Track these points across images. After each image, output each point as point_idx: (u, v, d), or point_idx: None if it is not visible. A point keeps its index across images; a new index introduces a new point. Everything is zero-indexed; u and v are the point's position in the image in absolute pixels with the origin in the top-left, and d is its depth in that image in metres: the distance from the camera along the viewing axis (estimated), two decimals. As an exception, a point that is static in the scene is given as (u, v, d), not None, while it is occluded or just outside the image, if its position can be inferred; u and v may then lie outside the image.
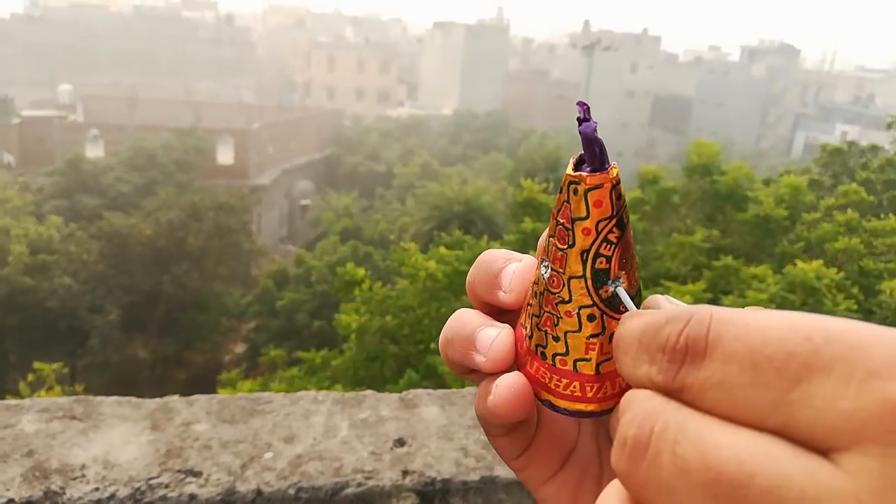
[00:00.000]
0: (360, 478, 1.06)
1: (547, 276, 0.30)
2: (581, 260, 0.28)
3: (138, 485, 1.07)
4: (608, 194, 0.28)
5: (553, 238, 0.29)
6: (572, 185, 0.28)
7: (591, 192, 0.28)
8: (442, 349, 0.34)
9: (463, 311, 0.35)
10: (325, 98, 40.13)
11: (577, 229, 0.28)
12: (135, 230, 12.98)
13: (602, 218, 0.28)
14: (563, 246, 0.29)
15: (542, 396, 0.31)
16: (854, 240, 6.64)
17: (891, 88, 47.52)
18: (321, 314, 10.80)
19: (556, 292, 0.29)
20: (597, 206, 0.28)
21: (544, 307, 0.30)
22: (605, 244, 0.28)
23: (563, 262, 0.29)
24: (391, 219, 16.16)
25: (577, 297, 0.29)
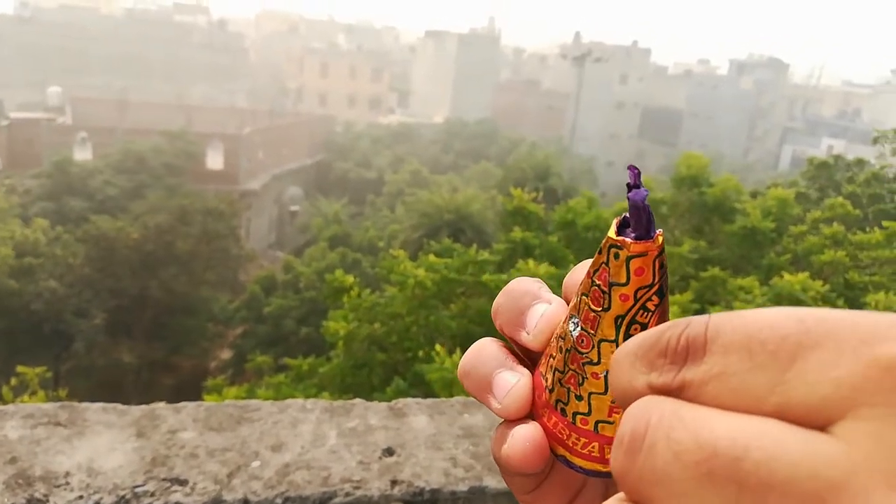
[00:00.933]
0: (349, 487, 1.06)
1: (576, 335, 0.29)
2: (615, 325, 0.27)
3: (123, 493, 1.05)
4: (651, 263, 0.27)
5: (586, 297, 0.28)
6: (613, 250, 0.27)
7: (633, 259, 0.27)
8: (460, 377, 0.34)
9: (484, 343, 0.34)
10: (317, 104, 40.13)
11: (614, 294, 0.27)
12: (122, 234, 12.89)
13: (642, 286, 0.27)
14: (598, 308, 0.28)
15: (557, 452, 0.30)
16: (840, 252, 6.72)
17: (877, 103, 48.13)
18: (309, 321, 10.75)
19: (584, 352, 0.28)
20: (638, 273, 0.27)
21: (570, 364, 0.29)
22: (643, 311, 0.27)
23: (596, 324, 0.28)
24: (380, 226, 16.15)
25: (606, 361, 0.28)
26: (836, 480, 0.17)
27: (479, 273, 6.28)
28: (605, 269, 0.27)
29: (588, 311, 0.28)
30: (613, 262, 0.27)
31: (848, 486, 0.17)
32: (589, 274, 0.28)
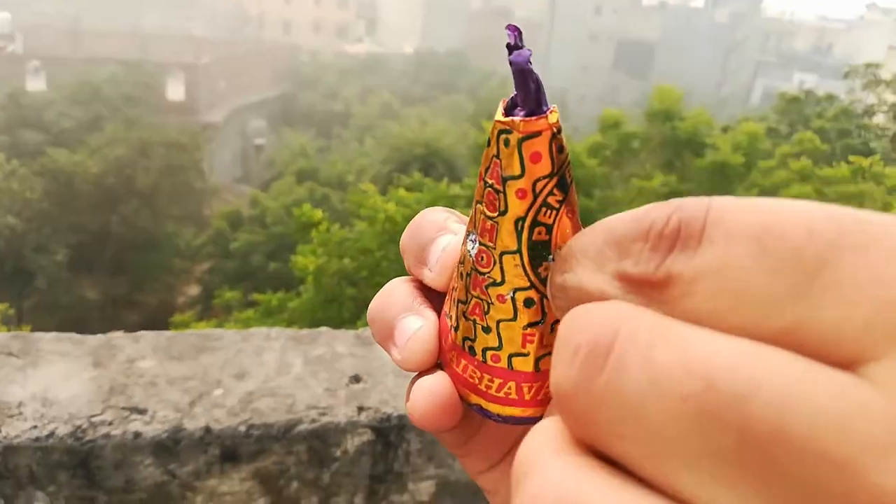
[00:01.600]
0: (314, 414, 1.04)
1: (474, 253, 0.24)
2: (515, 231, 0.23)
3: (79, 422, 1.02)
4: (548, 145, 0.22)
5: (481, 204, 0.23)
6: (503, 136, 0.22)
7: (525, 142, 0.22)
8: (368, 323, 0.29)
9: (394, 284, 0.29)
10: (280, 32, 38.65)
11: (510, 192, 0.22)
12: (80, 168, 12.48)
13: (540, 176, 0.22)
14: (493, 213, 0.23)
15: (470, 400, 0.26)
16: (807, 188, 6.84)
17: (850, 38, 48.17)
18: (277, 256, 10.66)
19: (485, 272, 0.24)
20: (534, 160, 0.22)
21: (472, 291, 0.24)
22: (545, 209, 0.22)
23: (494, 233, 0.23)
24: (349, 160, 15.88)
25: (510, 278, 0.23)
26: (872, 441, 0.12)
27: (450, 207, 6.25)
28: (496, 162, 0.23)
29: (484, 219, 0.23)
30: (504, 150, 0.22)
31: (889, 451, 0.12)
32: (480, 175, 0.24)
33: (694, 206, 0.15)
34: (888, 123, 12.13)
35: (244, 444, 1.02)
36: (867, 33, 46.03)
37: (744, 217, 0.15)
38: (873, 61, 14.19)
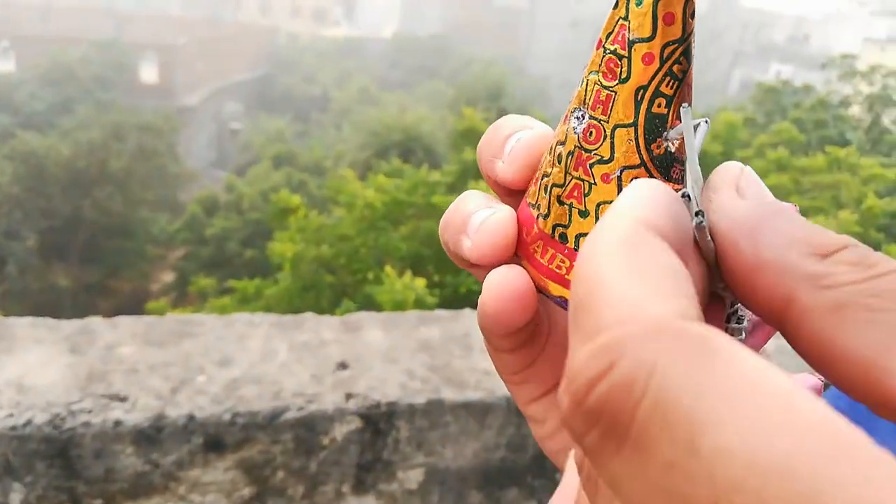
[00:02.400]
0: (301, 401, 1.01)
1: (582, 129, 0.22)
2: (635, 101, 0.21)
3: (57, 410, 0.99)
4: (682, 6, 0.21)
5: (596, 74, 0.22)
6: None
7: (662, 1, 0.21)
8: (440, 233, 0.28)
9: (470, 192, 0.28)
10: (257, 14, 38.05)
11: (635, 56, 0.21)
12: (52, 151, 12.20)
13: (671, 40, 0.21)
14: (612, 82, 0.21)
15: (553, 293, 0.24)
16: (783, 177, 6.93)
17: (826, 29, 48.81)
18: (253, 243, 10.54)
19: (592, 149, 0.22)
20: (667, 21, 0.21)
21: (572, 172, 0.23)
22: (668, 79, 0.21)
23: (609, 104, 0.22)
24: (327, 145, 15.74)
25: (620, 155, 0.22)
26: None
27: (430, 194, 6.22)
28: (622, 25, 0.21)
29: (599, 90, 0.22)
30: (635, 10, 0.21)
31: None
32: (599, 43, 0.22)
33: (626, 379, 0.14)
34: (864, 114, 12.35)
35: (229, 432, 0.99)
36: (843, 25, 46.70)
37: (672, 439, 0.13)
38: (849, 52, 14.41)
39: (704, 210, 0.20)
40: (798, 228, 0.19)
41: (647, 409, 0.13)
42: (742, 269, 0.19)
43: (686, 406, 0.13)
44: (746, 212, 0.20)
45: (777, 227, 0.19)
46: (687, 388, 0.13)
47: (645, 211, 0.17)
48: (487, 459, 1.11)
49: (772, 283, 0.18)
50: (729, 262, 0.19)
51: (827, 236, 0.18)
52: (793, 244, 0.18)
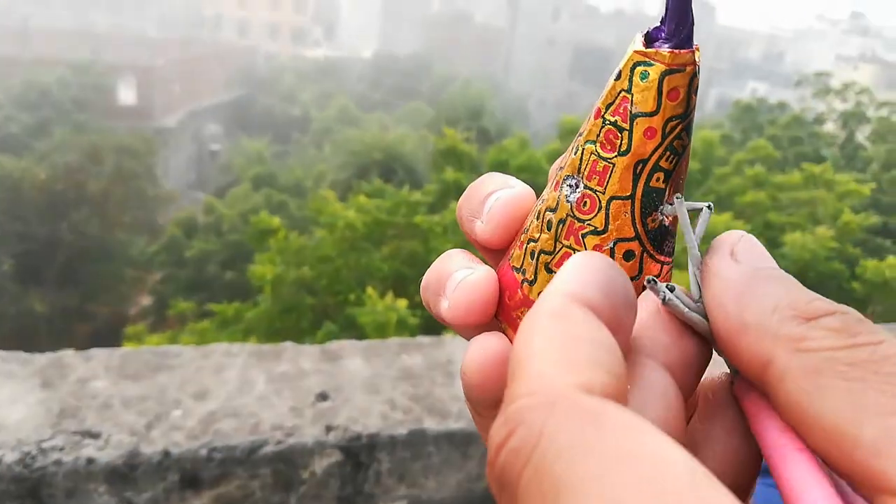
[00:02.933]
0: (280, 435, 1.00)
1: (575, 198, 0.22)
2: (633, 174, 0.21)
3: (28, 448, 0.96)
4: (688, 82, 0.21)
5: (593, 144, 0.22)
6: (640, 67, 0.20)
7: (669, 76, 0.20)
8: (421, 292, 0.27)
9: (451, 251, 0.27)
10: (235, 34, 38.07)
11: (637, 130, 0.21)
12: (28, 174, 12.05)
13: (674, 116, 0.21)
14: (611, 154, 0.21)
15: None
16: (761, 194, 7.03)
17: (799, 47, 49.91)
18: (233, 265, 10.44)
19: (585, 219, 0.22)
20: (672, 97, 0.21)
21: (562, 240, 0.22)
22: (669, 154, 0.21)
23: (606, 176, 0.21)
24: (307, 165, 15.70)
25: (615, 227, 0.22)
26: None
27: (412, 214, 6.22)
28: (625, 97, 0.21)
29: (596, 160, 0.22)
30: (639, 84, 0.21)
31: None
32: (598, 113, 0.22)
33: (517, 447, 0.15)
34: (838, 131, 12.62)
35: (206, 468, 0.97)
36: (816, 42, 47.81)
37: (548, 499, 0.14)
38: (823, 70, 14.76)
39: (702, 274, 0.21)
40: (787, 293, 0.19)
41: (528, 475, 0.14)
42: (728, 331, 0.20)
43: (558, 473, 0.14)
44: (737, 275, 0.20)
45: (764, 291, 0.19)
46: (563, 457, 0.14)
47: (577, 286, 0.18)
48: (471, 490, 1.10)
49: (753, 344, 0.18)
50: (717, 324, 0.20)
51: (815, 303, 0.18)
52: (777, 308, 0.18)
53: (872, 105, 13.08)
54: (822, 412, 0.17)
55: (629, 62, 0.21)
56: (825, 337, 0.17)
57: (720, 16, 56.97)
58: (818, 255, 6.55)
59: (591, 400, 0.15)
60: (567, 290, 0.18)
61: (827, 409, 0.17)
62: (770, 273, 0.20)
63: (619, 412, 0.15)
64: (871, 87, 15.17)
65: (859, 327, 0.17)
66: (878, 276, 6.48)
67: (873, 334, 0.17)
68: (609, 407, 0.15)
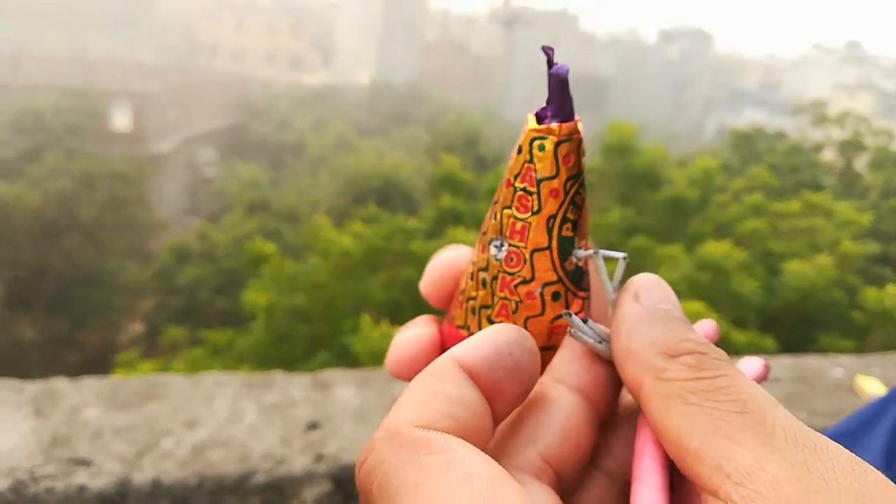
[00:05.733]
0: (270, 464, 1.00)
1: (503, 256, 0.26)
2: (547, 228, 0.25)
3: (20, 476, 0.96)
4: (577, 148, 0.25)
5: (509, 209, 0.26)
6: (537, 142, 0.25)
7: (562, 145, 0.25)
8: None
9: (421, 316, 0.32)
10: (232, 62, 38.39)
11: (543, 192, 0.25)
12: (19, 200, 12.03)
13: (570, 176, 0.25)
14: (525, 214, 0.25)
15: None
16: (760, 222, 7.05)
17: (796, 76, 50.52)
18: (226, 291, 10.40)
19: (515, 271, 0.26)
20: (566, 162, 0.25)
21: (498, 293, 0.26)
22: (572, 207, 0.25)
23: (525, 233, 0.25)
24: (302, 192, 15.75)
25: (540, 274, 0.26)
26: None
27: (408, 241, 6.23)
28: (529, 167, 0.25)
29: (514, 222, 0.26)
30: (538, 155, 0.25)
31: None
32: (508, 183, 0.26)
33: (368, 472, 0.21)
34: (836, 159, 12.74)
35: (195, 497, 0.98)
36: (813, 71, 48.40)
37: None
38: (820, 98, 14.93)
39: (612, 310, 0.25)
40: (663, 333, 0.23)
41: (376, 490, 0.20)
42: (618, 358, 0.24)
43: (392, 490, 0.20)
44: (632, 313, 0.24)
45: (648, 329, 0.24)
46: (396, 479, 0.20)
47: (463, 352, 0.22)
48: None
49: (632, 370, 0.23)
50: (613, 352, 0.24)
51: (683, 344, 0.23)
52: (653, 343, 0.23)
53: (870, 133, 13.20)
54: (669, 427, 0.21)
55: (527, 138, 0.25)
56: (679, 371, 0.22)
57: (717, 44, 57.77)
58: (818, 283, 6.56)
59: (424, 434, 0.20)
60: (454, 354, 0.22)
61: (672, 425, 0.21)
62: (661, 313, 0.24)
63: (447, 445, 0.20)
64: (869, 115, 15.35)
65: (708, 364, 0.22)
66: (878, 305, 6.48)
67: (716, 370, 0.22)
68: (435, 435, 0.20)
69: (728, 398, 0.21)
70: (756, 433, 0.20)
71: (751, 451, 0.19)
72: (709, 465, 0.20)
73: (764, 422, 0.20)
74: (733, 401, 0.21)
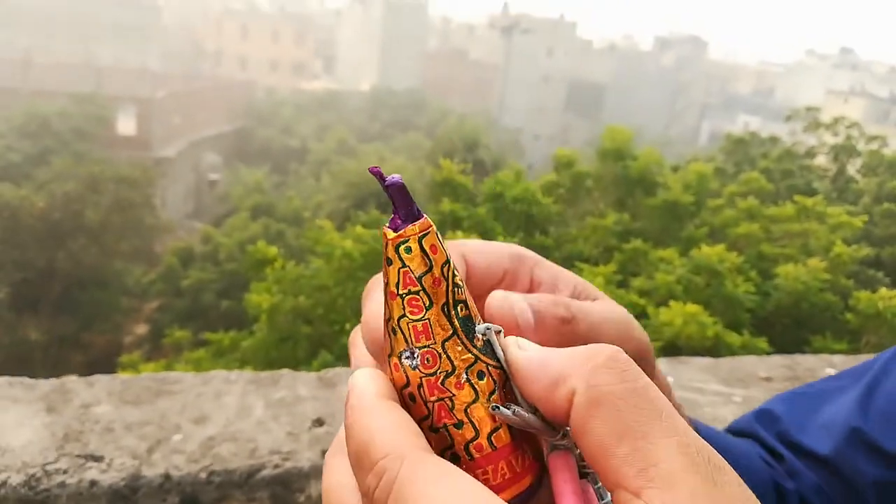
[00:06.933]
0: (277, 459, 1.03)
1: (418, 362, 0.26)
2: (447, 316, 0.26)
3: (33, 471, 0.99)
4: (436, 237, 0.27)
5: (405, 317, 0.26)
6: (403, 245, 0.26)
7: (425, 237, 0.26)
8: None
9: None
10: (236, 69, 38.55)
11: (426, 285, 0.26)
12: (26, 202, 12.09)
13: (443, 262, 0.26)
14: (420, 314, 0.26)
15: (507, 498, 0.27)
16: (754, 226, 7.08)
17: (790, 82, 50.49)
18: (230, 294, 10.45)
19: (434, 370, 0.26)
20: (433, 252, 0.26)
21: (429, 398, 0.26)
22: (456, 289, 0.26)
23: (428, 330, 0.26)
24: (305, 196, 15.80)
25: (458, 361, 0.26)
26: None
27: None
28: (405, 272, 0.26)
29: (413, 325, 0.26)
30: (407, 256, 0.26)
31: None
32: (393, 295, 0.26)
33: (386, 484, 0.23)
34: (829, 165, 12.77)
35: (205, 491, 1.00)
36: (805, 77, 48.33)
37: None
38: (813, 105, 14.98)
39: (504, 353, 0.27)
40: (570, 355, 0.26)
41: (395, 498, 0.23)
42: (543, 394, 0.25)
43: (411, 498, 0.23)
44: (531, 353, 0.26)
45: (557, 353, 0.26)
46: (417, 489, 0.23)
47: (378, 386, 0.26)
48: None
49: (562, 392, 0.25)
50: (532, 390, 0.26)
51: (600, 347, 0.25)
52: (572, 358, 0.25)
53: (863, 139, 13.25)
54: (599, 432, 0.23)
55: (391, 247, 0.26)
56: (606, 376, 0.24)
57: (712, 51, 57.75)
58: (811, 286, 6.59)
59: (432, 455, 0.24)
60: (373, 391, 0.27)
61: (602, 430, 0.23)
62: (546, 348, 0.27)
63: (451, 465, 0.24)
64: (861, 120, 15.38)
65: (630, 369, 0.24)
66: (871, 308, 6.50)
67: (637, 376, 0.24)
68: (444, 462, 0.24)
69: (650, 405, 0.23)
70: (676, 442, 0.22)
71: (672, 459, 0.22)
72: (634, 467, 0.22)
73: (677, 430, 0.23)
74: (653, 408, 0.23)
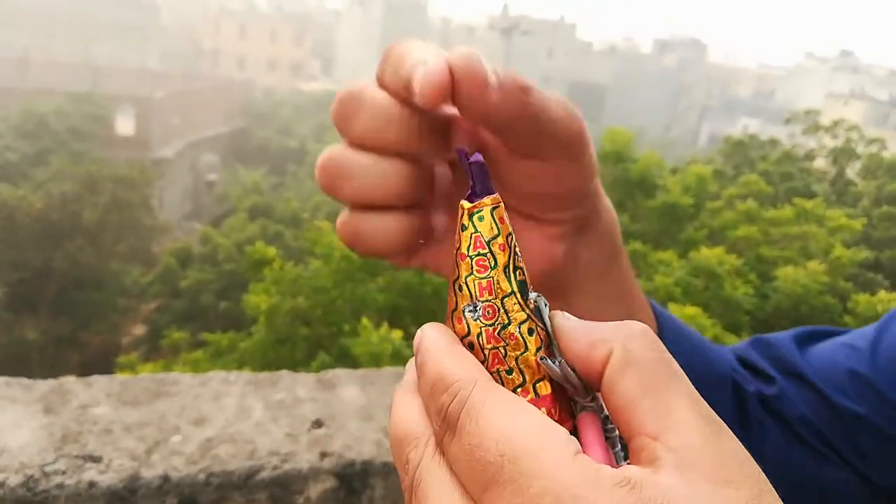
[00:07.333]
0: (276, 461, 1.03)
1: (480, 314, 0.30)
2: (507, 276, 0.30)
3: (31, 472, 0.98)
4: (503, 211, 0.30)
5: (472, 275, 0.30)
6: (477, 214, 0.30)
7: (496, 209, 0.30)
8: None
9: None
10: (235, 68, 38.54)
11: (494, 248, 0.30)
12: (23, 202, 12.07)
13: (507, 233, 0.30)
14: (486, 273, 0.30)
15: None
16: (753, 228, 7.09)
17: (790, 85, 50.56)
18: (228, 295, 10.43)
19: (493, 322, 0.30)
20: (501, 221, 0.30)
21: (486, 346, 0.30)
22: (516, 257, 0.30)
23: (492, 286, 0.30)
24: (304, 197, 15.78)
25: (514, 315, 0.30)
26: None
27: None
28: (476, 236, 0.30)
29: (479, 282, 0.30)
30: (480, 224, 0.30)
31: None
32: (462, 257, 0.30)
33: (458, 402, 0.27)
34: (828, 167, 12.79)
35: (203, 492, 1.00)
36: (805, 80, 48.37)
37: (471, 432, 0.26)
38: (812, 108, 15.01)
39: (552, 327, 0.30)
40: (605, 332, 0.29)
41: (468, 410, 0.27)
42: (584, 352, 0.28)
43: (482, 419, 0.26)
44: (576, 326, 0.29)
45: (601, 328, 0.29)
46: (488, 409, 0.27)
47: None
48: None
49: (600, 351, 0.28)
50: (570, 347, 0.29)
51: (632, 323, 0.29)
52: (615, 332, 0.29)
53: (862, 142, 13.27)
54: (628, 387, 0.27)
55: (466, 215, 0.30)
56: (639, 347, 0.27)
57: (712, 54, 57.84)
58: (810, 289, 6.60)
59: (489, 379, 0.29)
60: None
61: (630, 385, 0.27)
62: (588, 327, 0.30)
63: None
64: (861, 123, 15.41)
65: (659, 343, 0.28)
66: (870, 311, 6.52)
67: (662, 348, 0.28)
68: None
69: (671, 369, 0.27)
70: (690, 400, 0.26)
71: (686, 411, 0.25)
72: (655, 414, 0.25)
73: (691, 392, 0.26)
74: (673, 372, 0.27)
